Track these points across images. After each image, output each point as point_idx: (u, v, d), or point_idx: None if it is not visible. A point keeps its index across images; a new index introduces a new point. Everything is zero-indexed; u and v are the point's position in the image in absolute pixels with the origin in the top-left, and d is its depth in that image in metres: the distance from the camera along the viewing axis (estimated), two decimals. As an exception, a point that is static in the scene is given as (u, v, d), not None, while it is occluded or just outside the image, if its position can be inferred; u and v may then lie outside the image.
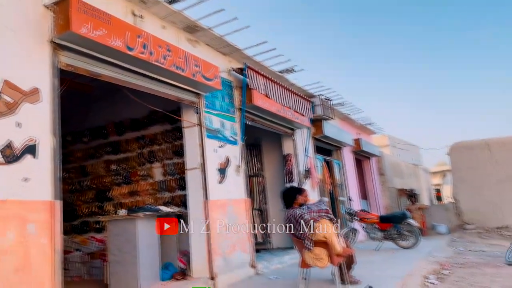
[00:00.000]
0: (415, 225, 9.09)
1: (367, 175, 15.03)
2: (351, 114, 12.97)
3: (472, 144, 13.25)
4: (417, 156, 26.60)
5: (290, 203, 5.09)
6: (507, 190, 12.27)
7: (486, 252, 8.89)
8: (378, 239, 9.23)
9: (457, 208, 13.13)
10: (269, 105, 7.30)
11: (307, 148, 9.47)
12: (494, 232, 12.06)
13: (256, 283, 5.99)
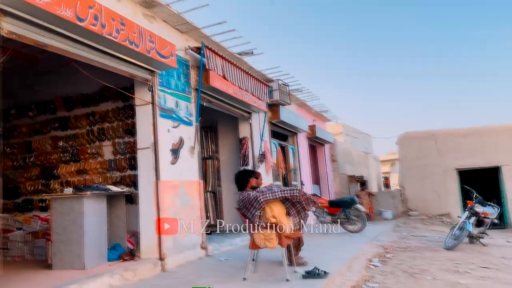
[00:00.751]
0: (362, 210, 9.44)
1: (320, 161, 15.38)
2: (307, 101, 13.13)
3: (420, 135, 13.86)
4: (368, 145, 27.51)
5: (243, 185, 5.10)
6: (449, 180, 12.99)
7: (427, 237, 9.42)
8: (327, 223, 9.52)
9: (403, 195, 13.76)
10: (226, 87, 7.23)
11: (263, 132, 9.51)
12: (436, 219, 12.80)
13: (205, 264, 6.01)
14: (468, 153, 12.93)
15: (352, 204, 9.37)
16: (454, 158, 13.06)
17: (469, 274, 5.56)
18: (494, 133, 12.93)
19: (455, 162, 13.02)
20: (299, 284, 4.33)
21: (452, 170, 13.01)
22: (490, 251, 7.63)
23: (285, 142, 12.13)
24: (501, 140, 12.71)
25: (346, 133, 23.28)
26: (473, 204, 8.15)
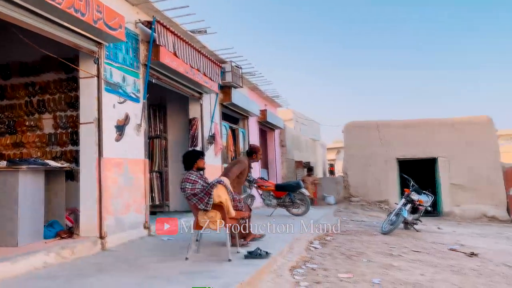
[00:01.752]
0: (307, 194, 9.70)
1: (269, 146, 15.55)
2: (260, 85, 13.16)
3: (364, 124, 14.37)
4: (316, 132, 28.18)
5: (190, 165, 5.04)
6: (390, 168, 13.63)
7: (366, 222, 9.87)
8: (273, 206, 9.70)
9: (346, 182, 14.29)
10: (177, 65, 7.06)
11: (213, 114, 9.44)
12: (375, 205, 13.43)
13: (148, 243, 5.94)
14: (408, 144, 13.61)
15: (298, 188, 9.58)
16: (395, 148, 13.70)
17: (401, 257, 5.91)
18: (432, 126, 13.69)
19: (396, 152, 13.67)
20: (240, 264, 4.40)
21: (393, 159, 13.66)
22: (422, 236, 8.13)
23: (236, 125, 12.12)
24: (438, 133, 13.49)
25: (296, 120, 23.67)
26: (410, 192, 8.62)
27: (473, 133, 13.31)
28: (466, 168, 13.11)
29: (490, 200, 12.76)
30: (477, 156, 13.11)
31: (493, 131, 13.51)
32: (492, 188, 12.77)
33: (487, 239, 8.60)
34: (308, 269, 4.90)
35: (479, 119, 13.52)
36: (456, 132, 13.38)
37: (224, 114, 10.81)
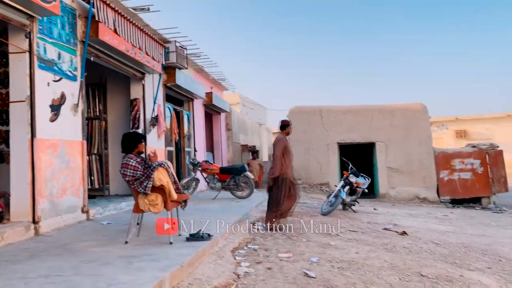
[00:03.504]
0: (251, 177, 9.81)
1: (215, 129, 15.50)
2: (205, 67, 13.00)
3: (308, 109, 14.69)
4: (263, 116, 28.44)
5: (131, 149, 4.87)
6: (331, 152, 14.09)
7: (307, 204, 10.18)
8: (217, 189, 9.72)
9: (290, 165, 14.59)
10: (117, 43, 6.77)
11: (156, 95, 9.20)
12: (317, 188, 13.86)
13: (85, 228, 5.73)
14: (348, 129, 14.11)
15: (242, 171, 9.66)
16: (336, 132, 14.16)
17: (339, 236, 6.18)
18: (371, 112, 14.27)
19: (337, 137, 14.14)
20: (181, 246, 4.38)
21: (334, 143, 14.12)
22: (359, 217, 8.53)
23: (181, 107, 11.92)
24: (376, 119, 14.10)
25: (243, 104, 23.73)
26: (348, 175, 8.99)
27: (409, 119, 14.05)
28: (402, 152, 13.85)
29: (422, 183, 13.61)
30: (411, 141, 13.88)
31: (427, 118, 14.33)
32: (425, 171, 13.62)
33: (418, 219, 9.20)
34: (249, 250, 4.99)
35: (414, 107, 14.28)
36: (393, 119, 14.05)
37: (168, 95, 10.58)
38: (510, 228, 8.77)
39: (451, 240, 6.79)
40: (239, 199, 9.44)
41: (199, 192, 10.55)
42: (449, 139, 28.85)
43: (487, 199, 13.11)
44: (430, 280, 4.27)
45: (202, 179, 10.17)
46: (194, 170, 9.78)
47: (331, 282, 3.86)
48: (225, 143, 16.00)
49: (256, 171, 13.92)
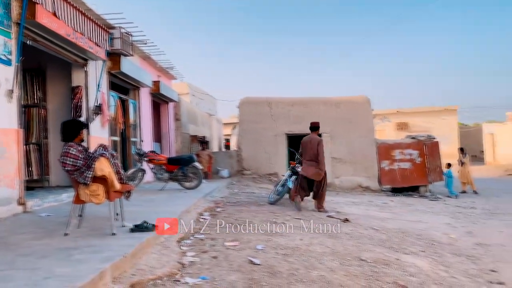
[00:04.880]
0: (200, 168, 9.75)
1: (163, 119, 15.20)
2: (153, 55, 12.69)
3: (257, 100, 14.80)
4: (213, 107, 28.25)
5: (71, 137, 4.66)
6: (279, 143, 14.31)
7: (256, 194, 10.30)
8: (164, 180, 9.57)
9: (239, 155, 14.67)
10: (57, 26, 6.43)
11: (100, 82, 8.87)
12: (265, 178, 14.04)
13: (22, 220, 5.45)
14: (296, 120, 14.38)
15: (190, 162, 9.57)
16: (285, 123, 14.40)
17: (285, 224, 6.31)
18: (317, 104, 14.63)
19: (285, 128, 14.38)
20: (125, 237, 4.29)
21: (282, 134, 14.35)
22: (305, 205, 8.75)
23: (126, 96, 11.57)
24: (322, 111, 14.48)
25: (193, 94, 23.41)
26: (295, 165, 9.16)
27: (353, 112, 14.55)
28: (346, 143, 14.34)
29: (365, 173, 14.20)
30: (355, 132, 14.40)
31: (370, 110, 14.92)
32: (367, 161, 14.20)
33: (360, 206, 9.61)
34: (196, 240, 4.98)
35: (358, 99, 14.80)
36: (338, 111, 14.50)
37: (113, 83, 10.23)
38: (443, 215, 9.40)
39: (389, 226, 7.17)
40: (187, 190, 9.36)
41: (145, 183, 10.34)
42: (391, 131, 30.23)
43: (424, 188, 13.92)
44: (369, 264, 4.50)
45: (148, 170, 9.96)
46: (140, 160, 9.55)
47: (275, 268, 3.95)
48: (174, 133, 15.75)
49: (205, 161, 13.85)
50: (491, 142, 29.86)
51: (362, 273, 4.13)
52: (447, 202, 11.87)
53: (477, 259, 5.55)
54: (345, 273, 4.06)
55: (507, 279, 4.76)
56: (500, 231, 7.66)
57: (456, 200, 12.67)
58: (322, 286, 3.61)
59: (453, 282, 4.32)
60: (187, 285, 3.41)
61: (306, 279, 3.73)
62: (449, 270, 4.82)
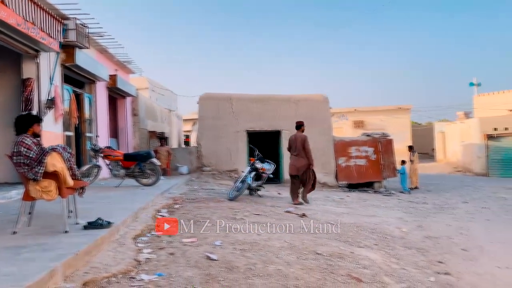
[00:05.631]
0: (157, 164, 9.58)
1: (120, 114, 14.80)
2: (110, 48, 12.32)
3: (218, 96, 14.74)
4: (173, 102, 27.84)
5: (24, 129, 4.45)
6: (240, 139, 14.33)
7: (215, 190, 10.26)
8: (121, 177, 9.33)
9: (199, 152, 14.55)
10: (5, 15, 6.10)
11: (53, 75, 8.53)
12: (225, 174, 14.01)
13: (-34, 219, 5.16)
14: (256, 117, 14.45)
15: (148, 158, 9.39)
16: (246, 120, 14.43)
17: (243, 220, 6.34)
18: (278, 102, 14.78)
19: (246, 124, 14.41)
20: (78, 235, 4.15)
21: (243, 131, 14.37)
22: (264, 201, 8.84)
23: (81, 89, 11.18)
24: (282, 109, 14.64)
25: (152, 89, 22.96)
26: (255, 161, 9.24)
27: (312, 109, 14.79)
28: (305, 140, 14.58)
29: (323, 169, 14.47)
30: (314, 130, 14.60)
31: (328, 109, 15.24)
32: (325, 158, 14.50)
33: (317, 202, 9.80)
34: (152, 237, 4.91)
35: (317, 97, 15.08)
36: (298, 108, 14.69)
37: (67, 76, 9.85)
38: (396, 209, 9.79)
39: (345, 220, 7.37)
40: (145, 187, 9.18)
41: (101, 179, 10.05)
42: (348, 129, 31.01)
43: (379, 184, 14.41)
44: (324, 258, 4.61)
45: (104, 166, 9.68)
46: (96, 156, 9.27)
47: (232, 264, 3.96)
48: (131, 129, 15.38)
49: (164, 158, 13.64)
50: (442, 140, 31.31)
51: (318, 266, 4.23)
52: (400, 198, 12.35)
53: (426, 251, 5.82)
54: (301, 266, 4.14)
55: (452, 269, 5.03)
56: (448, 225, 8.08)
57: (408, 195, 13.21)
58: (279, 280, 3.66)
59: (403, 274, 4.52)
60: (142, 282, 3.36)
61: (263, 274, 3.77)
62: (400, 262, 5.03)
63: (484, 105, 30.91)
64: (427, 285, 4.24)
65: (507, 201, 11.65)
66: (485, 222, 8.46)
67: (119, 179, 9.39)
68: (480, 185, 16.33)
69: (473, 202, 11.39)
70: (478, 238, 6.94)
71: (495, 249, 6.28)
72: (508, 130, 21.01)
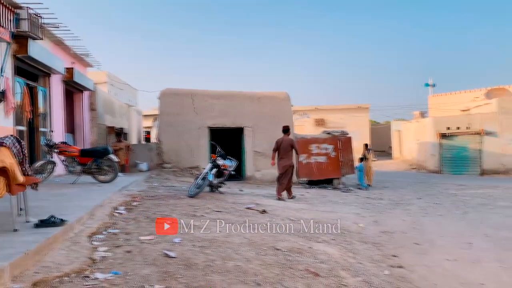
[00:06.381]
0: (115, 160, 9.33)
1: (77, 109, 14.29)
2: (66, 40, 11.86)
3: (180, 92, 14.54)
4: (134, 98, 27.24)
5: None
6: (201, 136, 14.20)
7: (176, 187, 10.14)
8: (77, 173, 9.03)
9: (159, 148, 14.30)
10: (-51, 1, 5.74)
11: (4, 67, 8.10)
12: (187, 171, 13.86)
13: None
14: (219, 114, 14.37)
15: (105, 154, 9.13)
16: (208, 117, 14.30)
17: (204, 217, 6.31)
18: (240, 98, 14.76)
19: (208, 121, 14.29)
20: (29, 233, 3.98)
21: (205, 127, 14.23)
22: (225, 198, 8.82)
23: (35, 82, 10.70)
24: (245, 106, 14.64)
25: (111, 83, 22.35)
26: (216, 158, 9.19)
27: (274, 107, 14.89)
28: (267, 137, 14.59)
29: (285, 166, 14.64)
30: (276, 127, 14.64)
31: (290, 106, 15.39)
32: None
33: (278, 198, 9.89)
34: (109, 235, 4.79)
35: (279, 95, 15.18)
36: (260, 105, 14.75)
37: (20, 68, 9.40)
38: (354, 205, 10.05)
39: (305, 216, 7.49)
40: (102, 184, 8.92)
41: (56, 176, 9.68)
42: (310, 127, 31.49)
43: (338, 180, 14.73)
44: (283, 253, 4.67)
45: (60, 163, 9.31)
46: (50, 152, 8.91)
47: (191, 261, 3.93)
48: (89, 124, 14.89)
49: (122, 154, 13.31)
50: (398, 139, 32.42)
51: (277, 261, 4.27)
52: (358, 194, 12.69)
53: (381, 246, 6.02)
54: (260, 262, 4.17)
55: (406, 263, 5.23)
56: (403, 220, 8.38)
57: (366, 191, 13.59)
58: (237, 276, 3.67)
59: (359, 268, 4.65)
60: (97, 281, 3.27)
61: (222, 270, 3.77)
62: (356, 256, 5.18)
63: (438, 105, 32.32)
64: (381, 278, 4.38)
65: (458, 197, 12.23)
66: (437, 217, 8.83)
67: (75, 175, 9.08)
68: (433, 182, 17.05)
69: (426, 198, 11.87)
70: (430, 233, 7.24)
71: (446, 242, 6.58)
72: (460, 129, 22.01)
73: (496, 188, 14.69)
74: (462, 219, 8.68)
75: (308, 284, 3.74)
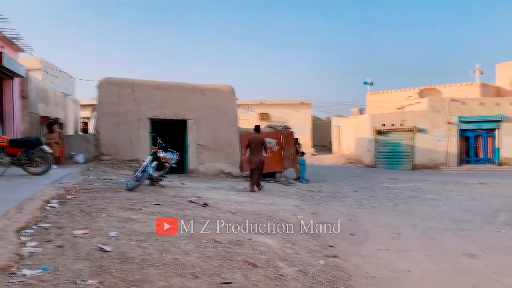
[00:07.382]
0: (48, 151, 8.83)
1: (6, 96, 13.28)
2: (-7, 22, 11.00)
3: (119, 81, 14.01)
4: (71, 86, 25.88)
5: None
6: (142, 128, 13.82)
7: (113, 180, 9.80)
8: (5, 165, 8.44)
9: (97, 140, 13.72)
10: None
11: None
12: (126, 164, 13.43)
13: None
14: (160, 105, 14.02)
15: (37, 144, 8.60)
16: (148, 108, 13.91)
17: (142, 210, 6.17)
18: (183, 90, 14.52)
19: (149, 112, 13.90)
20: None
21: (145, 119, 13.84)
22: (166, 191, 8.67)
23: (-43, 66, 9.83)
24: (188, 98, 14.43)
25: (45, 70, 21.07)
26: (157, 150, 8.99)
27: (219, 100, 14.81)
28: (211, 130, 14.56)
29: (228, 159, 14.65)
30: (220, 120, 14.71)
31: (234, 100, 15.38)
32: (230, 148, 14.67)
33: (220, 191, 9.90)
34: (39, 229, 4.56)
35: (223, 88, 15.11)
36: (204, 98, 14.60)
37: None
38: (294, 198, 10.29)
39: (246, 209, 7.57)
40: (33, 176, 8.41)
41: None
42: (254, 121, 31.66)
43: (280, 173, 15.00)
44: (223, 245, 4.69)
45: (-15, 153, 8.65)
46: (-26, 142, 8.25)
47: (127, 255, 3.84)
48: (19, 113, 13.91)
49: (57, 145, 12.63)
50: (338, 134, 33.65)
51: (216, 254, 4.29)
52: (298, 187, 13.00)
53: (318, 237, 6.23)
54: (199, 255, 4.17)
55: (340, 252, 5.46)
56: (339, 211, 8.72)
57: (306, 184, 13.97)
58: (175, 269, 3.64)
59: (296, 258, 4.79)
60: (24, 278, 3.11)
61: (159, 263, 3.72)
62: (294, 247, 5.32)
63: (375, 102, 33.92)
64: (317, 268, 4.54)
65: (390, 190, 12.93)
66: (371, 209, 9.29)
67: (3, 167, 8.48)
68: (369, 176, 17.88)
69: (361, 191, 12.43)
70: (365, 224, 7.60)
71: (378, 233, 6.94)
72: (395, 126, 23.23)
73: (425, 182, 15.70)
74: (394, 210, 9.19)
75: (246, 275, 3.80)
